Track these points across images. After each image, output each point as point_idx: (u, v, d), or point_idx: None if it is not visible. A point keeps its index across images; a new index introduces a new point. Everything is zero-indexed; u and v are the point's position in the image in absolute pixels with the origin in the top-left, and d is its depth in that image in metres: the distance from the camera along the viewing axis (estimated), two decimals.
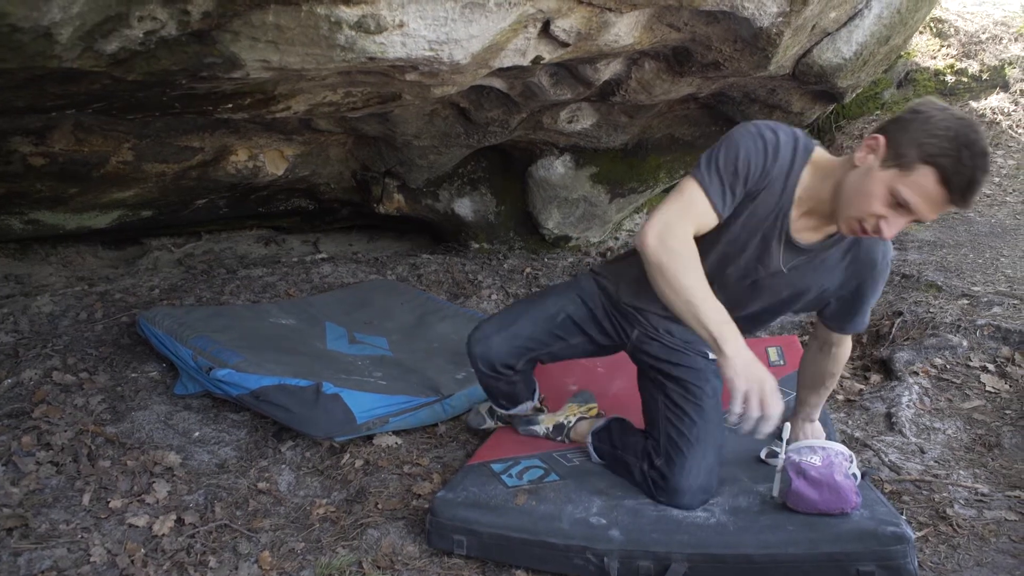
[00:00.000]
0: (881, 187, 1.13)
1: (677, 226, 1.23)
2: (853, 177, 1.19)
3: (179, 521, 1.61)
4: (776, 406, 1.17)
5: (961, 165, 1.07)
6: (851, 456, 1.42)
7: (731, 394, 1.18)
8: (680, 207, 1.26)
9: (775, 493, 1.45)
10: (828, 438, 1.69)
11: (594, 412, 1.84)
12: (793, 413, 1.71)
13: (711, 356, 1.60)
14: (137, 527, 1.58)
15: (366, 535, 1.56)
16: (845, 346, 1.56)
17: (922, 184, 1.10)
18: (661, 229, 1.23)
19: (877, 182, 1.14)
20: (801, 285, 1.41)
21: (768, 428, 1.18)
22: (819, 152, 1.29)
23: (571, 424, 1.79)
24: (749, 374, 1.17)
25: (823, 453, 1.39)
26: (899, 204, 1.13)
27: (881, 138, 1.16)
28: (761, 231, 1.33)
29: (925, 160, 1.09)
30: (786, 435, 1.47)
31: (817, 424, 1.70)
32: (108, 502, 1.65)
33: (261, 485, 1.76)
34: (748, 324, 1.51)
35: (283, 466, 1.85)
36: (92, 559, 1.48)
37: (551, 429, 1.80)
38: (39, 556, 1.48)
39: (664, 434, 1.51)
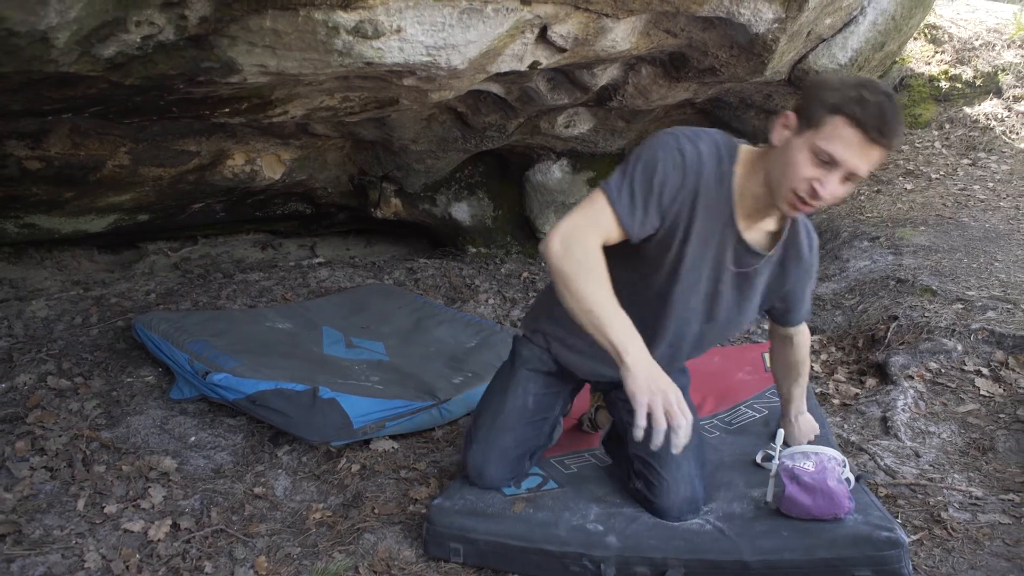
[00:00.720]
0: (802, 151, 1.14)
1: (582, 236, 1.20)
2: (775, 156, 1.20)
3: (175, 526, 1.60)
4: (684, 416, 1.12)
5: (866, 103, 1.09)
6: (844, 461, 1.43)
7: (634, 408, 1.11)
8: (586, 218, 1.22)
9: (768, 499, 1.45)
10: (825, 441, 1.69)
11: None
12: (782, 414, 1.72)
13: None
14: (132, 532, 1.57)
15: (362, 540, 1.56)
16: (804, 333, 1.58)
17: (837, 133, 1.11)
18: (566, 238, 1.20)
19: (797, 149, 1.15)
20: (753, 291, 1.40)
21: (681, 440, 1.12)
22: (745, 148, 1.29)
23: (593, 415, 1.80)
24: (652, 386, 1.12)
25: (816, 458, 1.39)
26: (824, 161, 1.13)
27: (791, 113, 1.19)
28: (713, 247, 1.31)
29: (831, 111, 1.11)
30: (779, 440, 1.48)
31: (808, 416, 1.70)
32: (103, 507, 1.65)
33: (257, 490, 1.76)
34: (700, 344, 1.49)
35: (279, 471, 1.85)
36: (86, 565, 1.47)
37: (587, 424, 1.83)
38: (32, 562, 1.47)
39: (635, 457, 1.50)
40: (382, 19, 1.62)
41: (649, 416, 1.11)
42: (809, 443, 1.64)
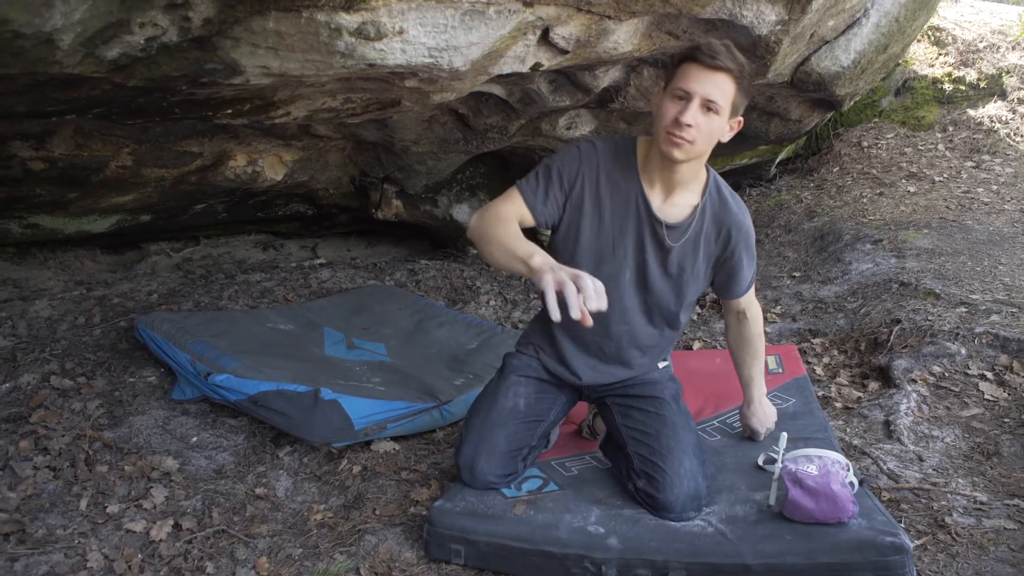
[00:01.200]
0: (667, 99, 1.40)
1: (496, 208, 1.46)
2: (654, 122, 1.45)
3: (176, 527, 1.60)
4: (595, 281, 1.20)
5: (699, 46, 1.38)
6: (848, 465, 1.42)
7: (543, 294, 1.20)
8: (500, 200, 1.49)
9: (771, 502, 1.45)
10: (828, 444, 1.69)
11: None
12: (744, 400, 1.75)
13: (662, 365, 1.68)
14: (134, 532, 1.57)
15: (363, 541, 1.56)
16: (754, 308, 1.68)
17: (682, 72, 1.38)
18: (482, 212, 1.46)
19: (662, 100, 1.41)
20: (686, 262, 1.53)
21: (595, 302, 1.19)
22: (642, 138, 1.53)
23: (591, 422, 1.81)
24: (555, 268, 1.24)
25: (819, 462, 1.39)
26: (680, 97, 1.37)
27: (659, 91, 1.47)
28: (632, 223, 1.50)
29: (676, 64, 1.41)
30: (783, 443, 1.47)
31: (768, 402, 1.76)
32: (105, 507, 1.65)
33: (259, 491, 1.76)
34: (652, 319, 1.59)
35: (281, 472, 1.85)
36: (89, 564, 1.47)
37: (586, 431, 1.84)
38: (36, 561, 1.47)
39: (635, 456, 1.52)
40: (384, 21, 1.62)
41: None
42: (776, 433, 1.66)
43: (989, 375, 2.06)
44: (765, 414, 1.73)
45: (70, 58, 1.47)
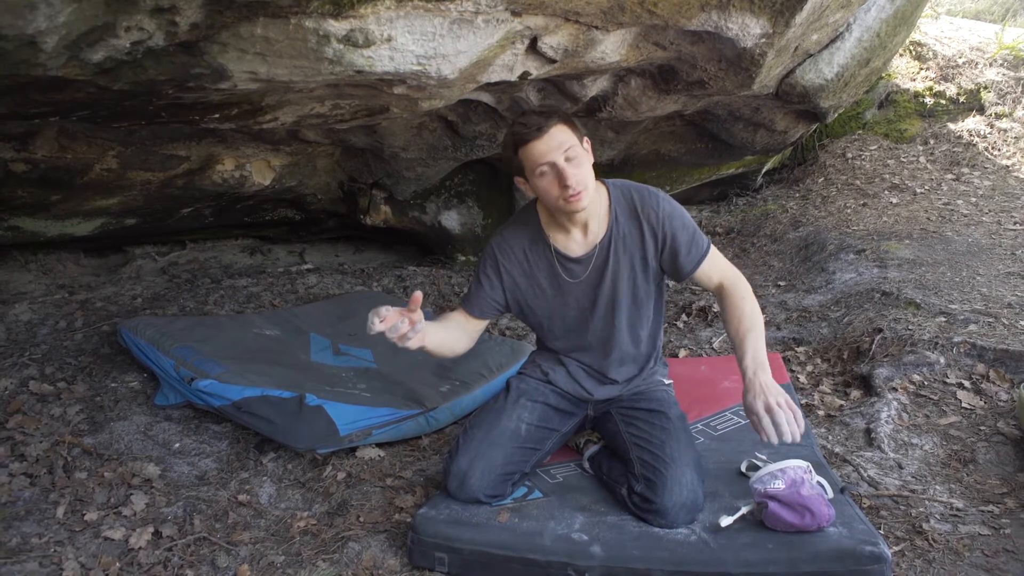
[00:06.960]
0: (537, 181, 1.50)
1: (448, 314, 1.69)
2: (539, 197, 1.58)
3: (156, 534, 1.58)
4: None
5: (515, 134, 1.50)
6: (808, 467, 1.43)
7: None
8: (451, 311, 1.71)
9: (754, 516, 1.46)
10: (810, 451, 1.70)
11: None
12: (744, 371, 1.46)
13: (666, 381, 1.77)
14: (113, 540, 1.55)
15: (347, 549, 1.55)
16: (730, 274, 1.62)
17: (526, 155, 1.49)
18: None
19: (535, 183, 1.52)
20: (623, 272, 1.60)
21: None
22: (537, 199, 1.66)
23: (581, 444, 1.83)
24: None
25: (784, 476, 1.40)
26: (546, 171, 1.48)
27: (517, 178, 1.58)
28: (557, 273, 1.62)
29: (515, 153, 1.51)
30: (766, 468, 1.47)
31: (772, 380, 1.43)
32: (83, 515, 1.63)
33: (242, 497, 1.74)
34: (634, 332, 1.66)
35: (264, 478, 1.83)
36: (65, 573, 1.45)
37: (571, 443, 1.86)
38: (9, 571, 1.45)
39: (638, 460, 1.54)
40: (373, 28, 1.63)
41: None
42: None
43: (966, 384, 2.09)
44: (763, 387, 1.39)
45: (54, 60, 1.46)
